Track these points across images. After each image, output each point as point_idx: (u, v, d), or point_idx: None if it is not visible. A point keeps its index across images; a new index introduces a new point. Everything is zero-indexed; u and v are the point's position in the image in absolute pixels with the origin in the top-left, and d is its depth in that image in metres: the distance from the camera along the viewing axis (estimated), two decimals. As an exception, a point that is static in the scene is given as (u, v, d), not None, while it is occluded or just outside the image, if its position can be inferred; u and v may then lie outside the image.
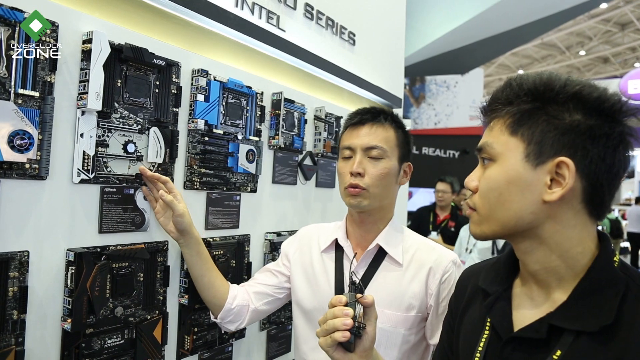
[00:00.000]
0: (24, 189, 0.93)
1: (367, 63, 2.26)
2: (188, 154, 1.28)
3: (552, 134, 0.63)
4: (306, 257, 1.25)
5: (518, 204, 0.66)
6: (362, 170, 1.13)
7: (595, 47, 16.35)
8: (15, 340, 0.92)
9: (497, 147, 0.68)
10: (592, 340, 0.61)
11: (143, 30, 1.19)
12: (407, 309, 1.11)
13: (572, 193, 0.63)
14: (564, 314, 0.64)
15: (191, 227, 1.15)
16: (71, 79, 1.00)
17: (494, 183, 0.68)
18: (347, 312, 0.76)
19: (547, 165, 0.64)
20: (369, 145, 1.14)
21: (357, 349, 0.78)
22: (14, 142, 0.88)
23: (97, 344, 1.05)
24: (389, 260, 1.15)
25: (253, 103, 1.46)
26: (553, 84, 0.65)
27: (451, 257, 1.15)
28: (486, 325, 0.73)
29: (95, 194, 1.06)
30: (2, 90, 0.88)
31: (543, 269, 0.68)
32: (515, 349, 0.67)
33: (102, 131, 1.06)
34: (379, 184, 1.14)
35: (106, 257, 1.06)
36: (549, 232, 0.66)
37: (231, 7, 1.46)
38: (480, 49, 6.87)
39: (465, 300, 0.83)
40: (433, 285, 1.11)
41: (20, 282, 0.92)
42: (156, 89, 1.17)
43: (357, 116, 1.19)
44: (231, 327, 1.24)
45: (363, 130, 1.17)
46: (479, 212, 0.71)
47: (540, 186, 0.64)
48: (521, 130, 0.66)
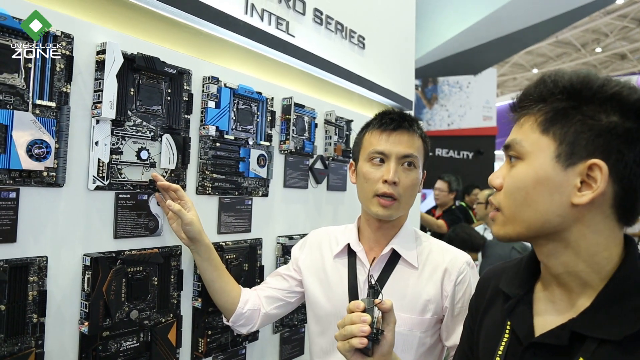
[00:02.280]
0: (42, 197, 0.96)
1: (377, 66, 2.27)
2: (200, 160, 1.30)
3: (586, 135, 0.61)
4: (318, 263, 1.25)
5: (545, 206, 0.63)
6: (397, 179, 1.09)
7: (611, 43, 16.05)
8: (35, 343, 0.95)
9: (527, 145, 0.66)
10: (616, 349, 0.58)
11: (154, 39, 1.22)
12: (423, 311, 1.11)
13: (602, 197, 0.61)
14: (586, 321, 0.62)
15: (201, 234, 1.16)
16: (86, 89, 1.03)
17: (521, 182, 0.65)
18: (365, 319, 0.76)
19: (578, 166, 0.61)
20: (406, 154, 1.11)
21: (375, 354, 0.79)
22: (33, 151, 0.91)
23: (113, 346, 1.08)
24: (403, 263, 1.15)
25: (263, 108, 1.48)
26: (591, 83, 0.62)
27: (465, 258, 1.15)
28: (506, 329, 0.72)
29: (110, 200, 1.09)
30: (20, 101, 0.92)
31: (566, 273, 0.66)
32: (535, 354, 0.65)
33: (116, 139, 1.08)
34: (411, 194, 1.13)
35: (121, 261, 1.08)
36: (575, 236, 0.63)
37: (241, 14, 1.48)
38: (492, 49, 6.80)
39: (485, 301, 0.81)
40: (448, 287, 1.11)
41: (39, 286, 0.95)
42: (168, 96, 1.19)
43: (392, 122, 1.13)
44: (243, 330, 1.26)
45: (399, 138, 1.11)
46: (504, 212, 0.69)
47: (570, 188, 0.62)
48: (553, 129, 0.63)
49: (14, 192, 0.91)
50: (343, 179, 1.93)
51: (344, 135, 1.88)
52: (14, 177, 0.91)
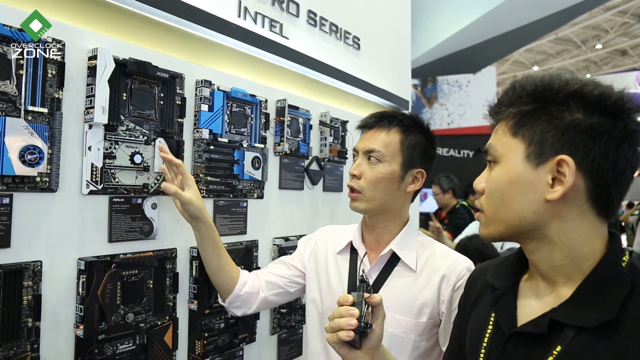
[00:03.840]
0: (35, 202, 0.97)
1: (372, 67, 2.27)
2: (194, 163, 1.31)
3: (553, 134, 0.63)
4: (321, 258, 1.27)
5: (520, 204, 0.66)
6: (358, 172, 1.16)
7: (612, 39, 16.01)
8: (31, 347, 0.95)
9: (500, 149, 0.69)
10: (593, 336, 0.61)
11: (147, 44, 1.23)
12: (418, 314, 1.10)
13: (575, 192, 0.63)
14: (565, 310, 0.64)
15: (201, 212, 1.15)
16: (78, 95, 1.04)
17: (498, 184, 0.69)
18: (353, 313, 0.79)
19: (548, 164, 0.64)
20: (368, 149, 1.16)
21: (363, 347, 0.81)
22: (25, 157, 0.92)
23: (109, 349, 1.09)
24: (402, 265, 1.15)
25: (257, 111, 1.48)
26: (553, 84, 0.65)
27: (466, 263, 1.14)
28: (490, 321, 0.74)
29: (104, 204, 1.10)
30: (12, 107, 0.93)
31: (550, 268, 0.68)
32: (517, 344, 0.67)
33: (109, 143, 1.09)
34: (374, 188, 1.14)
35: (116, 265, 1.09)
36: (555, 232, 0.66)
37: (234, 17, 1.49)
38: (491, 47, 6.80)
39: (473, 297, 0.83)
40: (446, 292, 1.11)
41: (34, 290, 0.96)
42: (161, 100, 1.20)
43: (364, 122, 1.23)
44: (238, 312, 1.25)
45: (367, 135, 1.20)
46: (486, 213, 0.72)
47: (542, 185, 0.65)
48: (522, 131, 0.66)
49: (7, 198, 0.92)
50: (339, 180, 1.93)
51: (339, 136, 1.89)
52: (7, 183, 0.92)
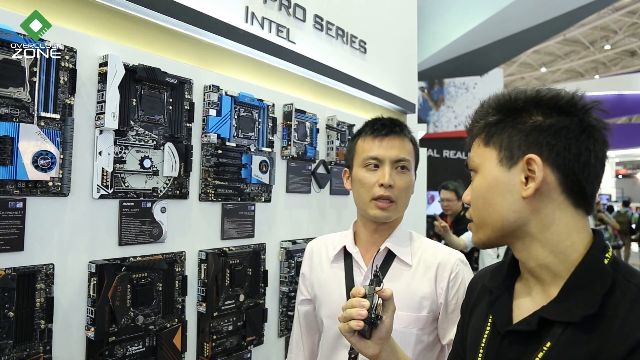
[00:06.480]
0: (48, 206, 0.99)
1: (379, 70, 2.28)
2: (202, 167, 1.33)
3: (519, 137, 0.70)
4: (318, 271, 1.28)
5: (500, 205, 0.72)
6: (393, 182, 1.14)
7: (621, 40, 15.89)
8: (44, 349, 0.97)
9: (477, 159, 0.76)
10: (578, 330, 0.65)
11: (156, 50, 1.25)
12: (419, 308, 1.13)
13: (547, 185, 0.68)
14: (553, 307, 0.68)
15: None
16: (89, 101, 1.06)
17: (478, 191, 0.75)
18: (364, 304, 0.83)
19: (519, 165, 0.70)
20: (399, 158, 1.16)
21: (372, 337, 0.85)
22: (38, 162, 0.94)
23: (119, 351, 1.10)
24: (398, 262, 1.18)
25: (264, 115, 1.50)
26: (512, 95, 0.73)
27: (457, 255, 1.18)
28: (488, 322, 0.78)
29: (114, 208, 1.12)
30: (26, 114, 0.95)
31: (538, 266, 0.72)
32: (512, 342, 0.72)
33: (119, 148, 1.11)
34: (406, 195, 1.18)
35: (126, 268, 1.11)
36: (537, 228, 0.70)
37: (241, 23, 1.51)
38: (498, 49, 6.78)
39: (473, 301, 0.88)
40: (442, 284, 1.14)
41: (46, 293, 0.98)
42: (170, 106, 1.22)
43: (384, 127, 1.18)
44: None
45: (392, 142, 1.16)
46: (474, 221, 0.78)
47: (517, 185, 0.70)
48: (492, 139, 0.73)
49: (20, 202, 0.94)
50: (346, 183, 1.94)
51: (346, 140, 1.90)
52: (20, 188, 0.94)
